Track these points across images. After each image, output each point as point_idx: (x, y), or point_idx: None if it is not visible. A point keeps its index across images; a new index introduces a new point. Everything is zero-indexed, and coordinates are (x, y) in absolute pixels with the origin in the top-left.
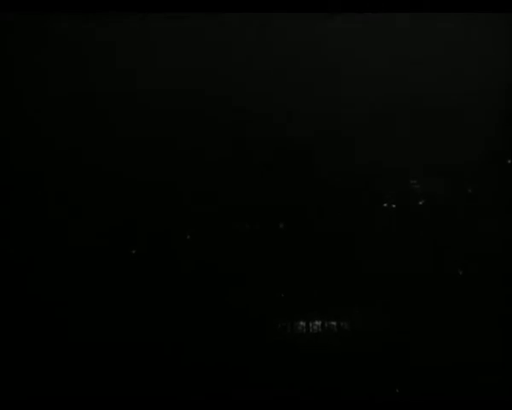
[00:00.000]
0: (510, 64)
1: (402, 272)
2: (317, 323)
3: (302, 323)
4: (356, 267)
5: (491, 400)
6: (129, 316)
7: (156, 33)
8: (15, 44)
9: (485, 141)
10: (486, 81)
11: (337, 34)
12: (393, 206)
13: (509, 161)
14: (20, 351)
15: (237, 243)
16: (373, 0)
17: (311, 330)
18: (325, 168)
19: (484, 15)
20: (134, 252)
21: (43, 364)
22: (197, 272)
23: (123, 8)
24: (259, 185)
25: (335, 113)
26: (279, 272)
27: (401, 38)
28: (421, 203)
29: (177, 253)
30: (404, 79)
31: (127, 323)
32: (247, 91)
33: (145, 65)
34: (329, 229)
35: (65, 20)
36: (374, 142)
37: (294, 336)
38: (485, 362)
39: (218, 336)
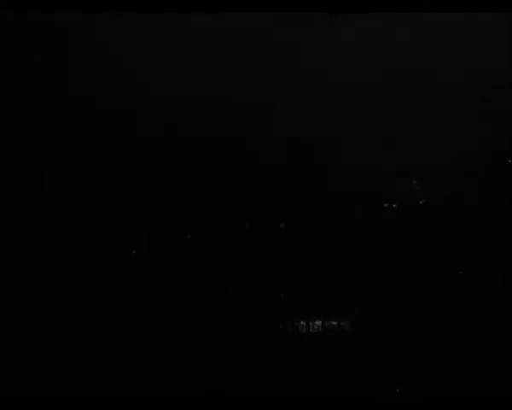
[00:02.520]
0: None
1: (402, 271)
2: (318, 323)
3: (302, 323)
4: (356, 267)
5: (491, 400)
6: (129, 316)
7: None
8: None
9: (486, 140)
10: (487, 81)
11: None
12: (394, 206)
13: (510, 161)
14: (20, 351)
15: (237, 243)
16: (373, 0)
17: (311, 330)
18: (326, 167)
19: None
20: (134, 252)
21: (43, 364)
22: (197, 271)
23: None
24: (260, 185)
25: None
26: (279, 272)
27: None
28: (421, 203)
29: (177, 253)
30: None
31: (127, 323)
32: (247, 94)
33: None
34: (330, 229)
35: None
36: (376, 138)
37: (294, 336)
38: (486, 362)
39: (217, 336)
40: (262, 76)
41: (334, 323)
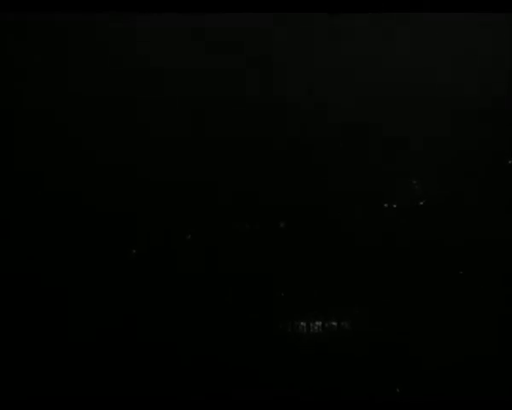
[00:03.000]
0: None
1: (402, 271)
2: (318, 323)
3: (302, 323)
4: (356, 267)
5: (491, 400)
6: (129, 316)
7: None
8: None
9: (486, 140)
10: (487, 81)
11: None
12: (394, 206)
13: (510, 161)
14: (20, 351)
15: (237, 243)
16: (373, 0)
17: (311, 330)
18: (326, 167)
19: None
20: (134, 252)
21: (43, 364)
22: (197, 271)
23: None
24: (260, 185)
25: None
26: (279, 272)
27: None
28: (421, 203)
29: (177, 253)
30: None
31: (127, 323)
32: (246, 94)
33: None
34: (330, 229)
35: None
36: (372, 141)
37: (295, 336)
38: (486, 362)
39: (217, 336)
40: (262, 76)
41: (335, 323)
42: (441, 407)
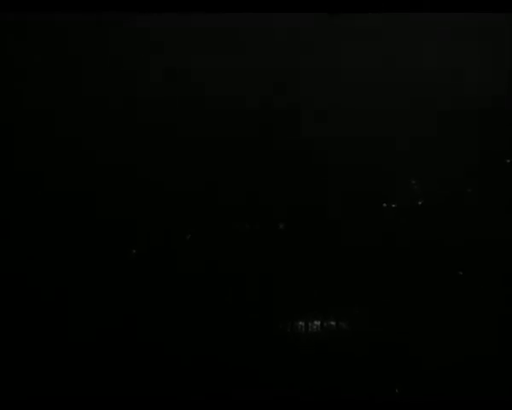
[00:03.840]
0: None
1: (402, 271)
2: (317, 323)
3: (302, 323)
4: (356, 267)
5: (491, 400)
6: (129, 316)
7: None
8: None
9: (485, 141)
10: (487, 81)
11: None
12: (393, 206)
13: (509, 161)
14: (20, 351)
15: (237, 243)
16: (373, 0)
17: (310, 330)
18: (326, 167)
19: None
20: (134, 252)
21: (43, 364)
22: (197, 271)
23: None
24: (260, 185)
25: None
26: (279, 272)
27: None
28: (419, 203)
29: (177, 253)
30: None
31: (127, 323)
32: (246, 94)
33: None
34: (330, 229)
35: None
36: (372, 141)
37: (294, 336)
38: (486, 362)
39: (217, 336)
40: (262, 76)
41: (334, 323)
42: (441, 407)
